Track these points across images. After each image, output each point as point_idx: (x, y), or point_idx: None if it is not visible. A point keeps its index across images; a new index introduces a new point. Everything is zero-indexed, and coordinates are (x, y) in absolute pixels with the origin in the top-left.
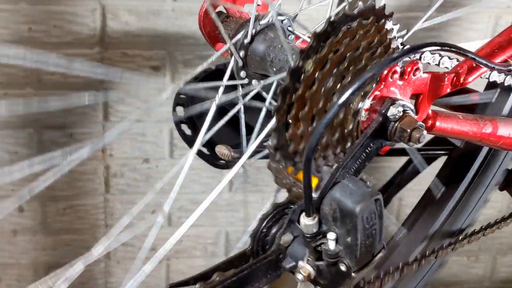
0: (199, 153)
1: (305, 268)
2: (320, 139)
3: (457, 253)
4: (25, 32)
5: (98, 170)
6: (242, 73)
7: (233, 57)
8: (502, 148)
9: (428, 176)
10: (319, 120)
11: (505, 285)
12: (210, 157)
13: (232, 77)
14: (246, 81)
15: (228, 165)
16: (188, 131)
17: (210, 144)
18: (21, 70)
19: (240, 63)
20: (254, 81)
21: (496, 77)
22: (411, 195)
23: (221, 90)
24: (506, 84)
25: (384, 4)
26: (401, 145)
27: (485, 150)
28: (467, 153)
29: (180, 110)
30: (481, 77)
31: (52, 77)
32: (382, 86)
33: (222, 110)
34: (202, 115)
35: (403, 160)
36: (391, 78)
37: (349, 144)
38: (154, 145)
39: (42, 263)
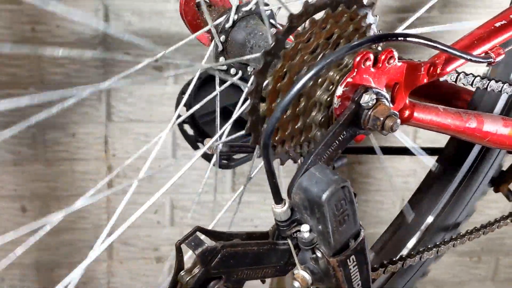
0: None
1: (299, 273)
2: (276, 123)
3: (459, 253)
4: (28, 32)
5: (100, 170)
6: (221, 59)
7: (213, 42)
8: (489, 145)
9: None
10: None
11: (507, 285)
12: (212, 157)
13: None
14: (224, 68)
15: (230, 165)
16: (190, 131)
17: (203, 139)
18: (25, 70)
19: (220, 47)
20: (232, 70)
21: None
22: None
23: (195, 77)
24: (482, 88)
25: None
26: (399, 143)
27: (476, 149)
28: (460, 151)
29: (182, 110)
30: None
31: (55, 77)
32: (354, 73)
33: (223, 109)
34: (204, 115)
35: (404, 160)
36: (363, 65)
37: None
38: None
39: (45, 262)
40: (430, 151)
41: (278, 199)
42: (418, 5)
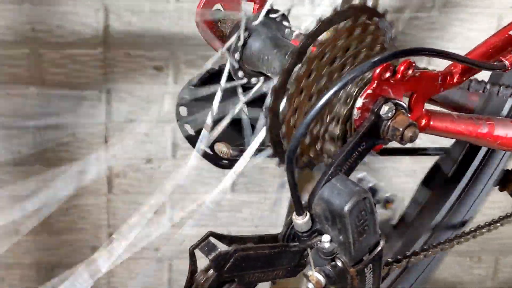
0: (202, 153)
1: (313, 275)
2: (301, 138)
3: (459, 253)
4: (28, 32)
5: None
6: (240, 73)
7: (228, 62)
8: (500, 148)
9: None
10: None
11: (507, 285)
12: (213, 157)
13: (231, 77)
14: (245, 80)
15: (231, 165)
16: (191, 131)
17: (213, 143)
18: (25, 69)
19: (236, 66)
20: (253, 79)
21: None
22: None
23: (218, 94)
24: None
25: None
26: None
27: (483, 150)
28: (466, 151)
29: (183, 110)
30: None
31: (55, 77)
32: (374, 85)
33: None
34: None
35: (404, 160)
36: (383, 77)
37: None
38: (156, 145)
39: (45, 263)
40: (434, 151)
41: (299, 211)
42: (418, 5)
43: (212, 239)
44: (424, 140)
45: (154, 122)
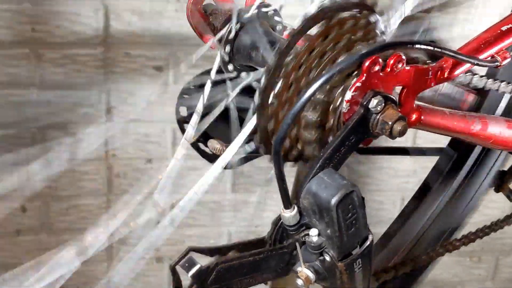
0: (201, 152)
1: (303, 272)
2: (288, 130)
3: (459, 253)
4: (28, 32)
5: (100, 170)
6: (230, 67)
7: (219, 54)
8: (493, 147)
9: None
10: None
11: (508, 285)
12: (212, 156)
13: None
14: (234, 74)
15: (231, 166)
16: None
17: (206, 140)
18: (25, 70)
19: (226, 58)
20: (243, 74)
21: (477, 81)
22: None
23: (208, 85)
24: (486, 88)
25: None
26: (399, 143)
27: (477, 150)
28: (461, 152)
29: (183, 110)
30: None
31: (55, 77)
32: (363, 78)
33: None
34: (205, 114)
35: (404, 160)
36: (372, 70)
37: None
38: (156, 145)
39: None
40: (431, 151)
41: (287, 204)
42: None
43: (193, 254)
44: (424, 140)
45: (154, 122)
